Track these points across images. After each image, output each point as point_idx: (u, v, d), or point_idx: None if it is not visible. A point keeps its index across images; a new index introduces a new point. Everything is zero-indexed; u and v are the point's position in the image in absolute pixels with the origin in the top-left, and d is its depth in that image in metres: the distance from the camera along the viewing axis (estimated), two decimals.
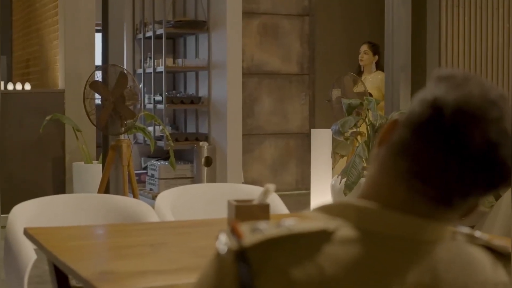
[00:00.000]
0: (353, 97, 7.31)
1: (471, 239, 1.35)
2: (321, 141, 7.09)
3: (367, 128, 6.78)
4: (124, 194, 5.97)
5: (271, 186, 2.86)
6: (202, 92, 9.76)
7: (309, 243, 1.21)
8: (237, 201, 2.84)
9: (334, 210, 1.28)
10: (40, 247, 2.90)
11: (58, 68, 8.49)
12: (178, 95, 9.92)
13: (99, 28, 6.70)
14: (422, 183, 1.25)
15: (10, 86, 8.15)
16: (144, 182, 9.97)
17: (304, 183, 10.35)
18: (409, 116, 1.27)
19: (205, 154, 9.16)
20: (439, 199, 1.26)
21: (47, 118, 7.65)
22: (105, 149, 6.36)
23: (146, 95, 10.24)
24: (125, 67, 10.23)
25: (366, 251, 1.23)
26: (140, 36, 10.41)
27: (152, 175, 9.80)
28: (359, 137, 6.97)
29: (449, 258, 1.28)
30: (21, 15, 10.47)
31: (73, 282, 3.24)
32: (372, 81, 8.24)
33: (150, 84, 10.11)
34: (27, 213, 3.60)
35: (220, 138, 9.24)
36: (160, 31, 9.85)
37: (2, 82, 8.21)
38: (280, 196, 4.17)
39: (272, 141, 10.35)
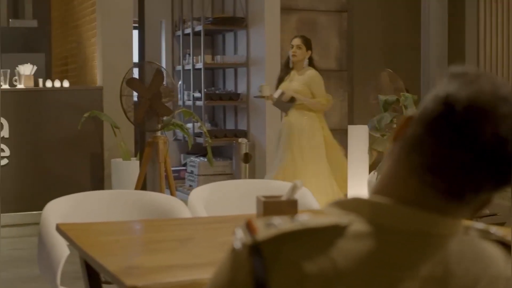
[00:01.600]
0: (389, 93, 7.28)
1: (485, 234, 1.36)
2: (358, 137, 7.05)
3: None
4: (160, 190, 6.01)
5: (299, 182, 2.88)
6: (241, 89, 9.81)
7: (322, 237, 1.24)
8: (266, 197, 2.86)
9: (348, 206, 1.31)
10: (70, 243, 2.94)
11: (96, 65, 8.56)
12: (217, 91, 9.97)
13: (137, 25, 6.74)
14: (434, 178, 1.27)
15: (48, 83, 8.22)
16: (184, 178, 10.03)
17: None
18: (422, 112, 1.30)
19: (244, 151, 9.20)
20: (451, 193, 1.28)
21: (85, 115, 7.71)
22: (142, 146, 6.41)
23: (186, 92, 10.30)
24: (164, 64, 10.33)
25: (378, 245, 1.25)
26: (179, 33, 10.48)
27: (192, 172, 9.85)
28: None
29: (461, 252, 1.30)
30: (59, 12, 10.56)
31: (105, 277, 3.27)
32: (300, 77, 7.71)
33: (189, 80, 10.17)
34: (61, 209, 3.64)
35: (259, 134, 9.27)
36: (198, 28, 9.91)
37: (41, 80, 8.30)
38: None
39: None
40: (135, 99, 6.56)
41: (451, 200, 1.28)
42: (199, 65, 9.85)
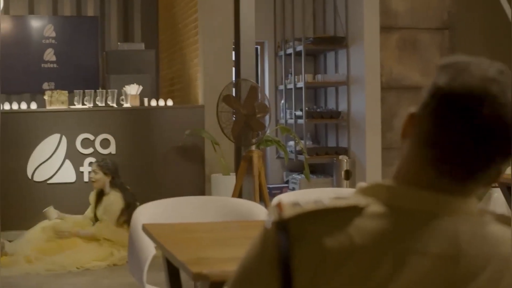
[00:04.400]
0: None
1: (502, 218, 1.47)
2: None
3: None
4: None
5: (363, 184, 3.05)
6: (342, 107, 9.96)
7: (342, 216, 1.39)
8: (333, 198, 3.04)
9: (368, 191, 1.45)
10: (152, 239, 3.20)
11: (199, 85, 8.88)
12: (318, 110, 10.14)
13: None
14: (447, 165, 1.40)
15: (153, 103, 8.58)
16: None
17: None
18: (422, 107, 1.43)
19: (345, 168, 9.34)
20: (464, 176, 1.41)
21: (187, 132, 8.02)
22: (238, 160, 6.65)
23: (288, 110, 10.52)
24: (267, 83, 10.61)
25: (392, 224, 1.39)
26: (281, 53, 10.73)
27: (293, 189, 10.03)
28: None
29: (473, 232, 1.41)
30: (165, 35, 10.96)
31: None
32: (105, 204, 7.38)
33: (291, 99, 10.39)
34: (150, 213, 3.90)
35: (360, 152, 9.39)
36: (300, 48, 10.13)
37: (146, 99, 8.66)
38: None
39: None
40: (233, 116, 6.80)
41: (464, 181, 1.41)
42: (301, 84, 10.07)
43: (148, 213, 3.89)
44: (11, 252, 6.95)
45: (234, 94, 6.61)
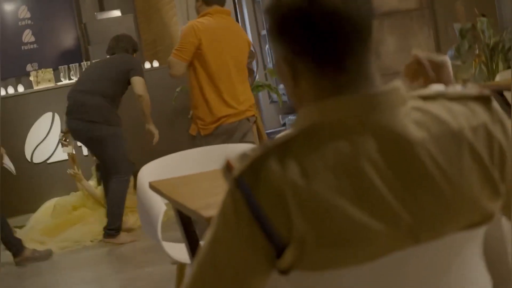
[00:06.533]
0: (466, 22, 7.34)
1: (432, 97, 1.52)
2: None
3: (482, 49, 6.80)
4: None
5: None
6: None
7: (287, 151, 1.44)
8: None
9: (299, 120, 1.51)
10: (161, 195, 3.24)
11: None
12: None
13: None
14: (328, 66, 1.47)
15: None
16: None
17: None
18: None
19: None
20: (345, 62, 1.46)
21: (177, 89, 8.02)
22: None
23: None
24: (248, 30, 10.60)
25: (334, 142, 1.43)
26: None
27: None
28: (476, 60, 6.99)
29: (417, 120, 1.45)
30: None
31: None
32: None
33: None
34: (153, 171, 3.93)
35: None
36: None
37: None
38: None
39: (402, 79, 10.38)
40: None
41: (347, 66, 1.46)
42: None
43: (151, 172, 3.92)
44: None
45: None
